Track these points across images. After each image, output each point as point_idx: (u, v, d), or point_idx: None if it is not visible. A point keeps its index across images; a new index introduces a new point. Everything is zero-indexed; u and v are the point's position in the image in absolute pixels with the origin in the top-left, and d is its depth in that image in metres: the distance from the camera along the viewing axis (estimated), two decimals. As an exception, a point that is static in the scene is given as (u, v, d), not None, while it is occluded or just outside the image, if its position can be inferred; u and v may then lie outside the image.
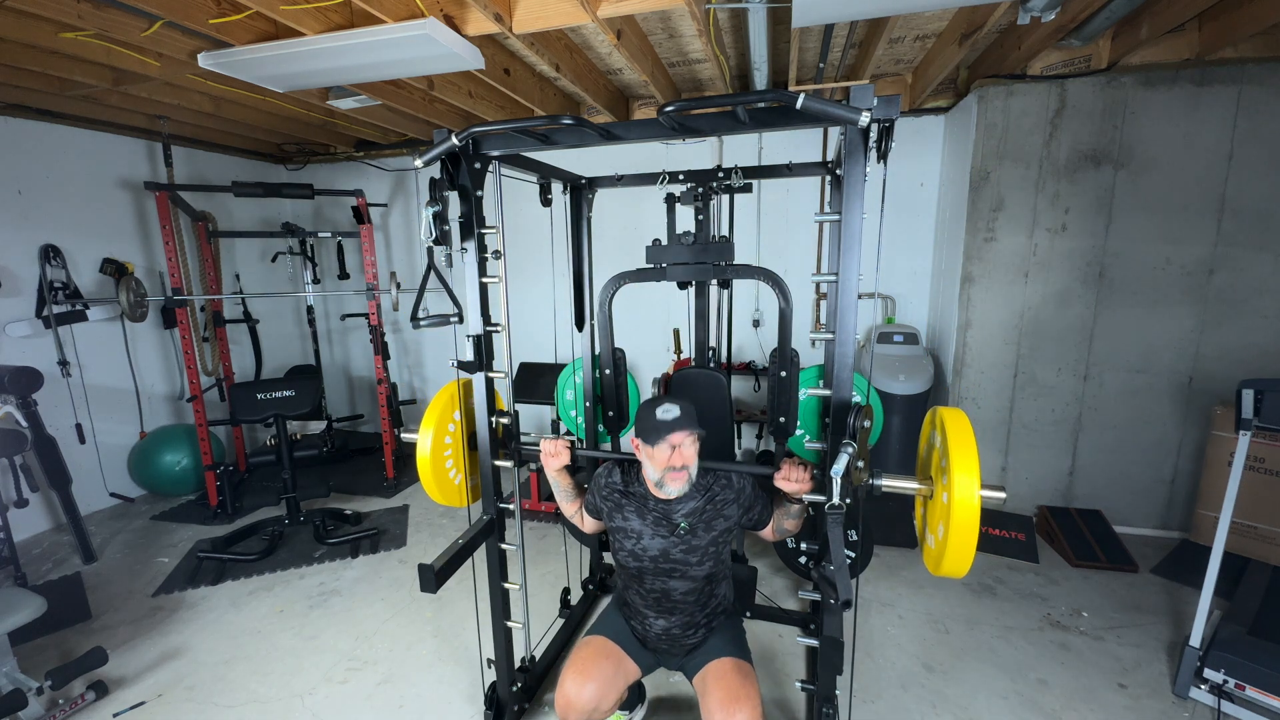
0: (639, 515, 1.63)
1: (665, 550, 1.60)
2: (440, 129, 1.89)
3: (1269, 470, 2.68)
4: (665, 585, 1.62)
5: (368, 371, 5.19)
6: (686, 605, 1.64)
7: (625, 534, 1.64)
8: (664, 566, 1.60)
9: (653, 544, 1.60)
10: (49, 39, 2.21)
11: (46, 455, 3.10)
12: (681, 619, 1.65)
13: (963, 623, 2.51)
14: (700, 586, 1.63)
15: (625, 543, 1.64)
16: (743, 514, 1.65)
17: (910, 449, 3.42)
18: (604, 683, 1.57)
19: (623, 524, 1.65)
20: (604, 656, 1.63)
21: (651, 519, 1.62)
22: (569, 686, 1.56)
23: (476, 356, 1.77)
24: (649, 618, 1.67)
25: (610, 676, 1.59)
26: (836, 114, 1.32)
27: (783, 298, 2.17)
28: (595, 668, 1.59)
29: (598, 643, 1.67)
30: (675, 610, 1.64)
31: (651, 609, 1.66)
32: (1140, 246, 2.99)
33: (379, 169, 4.73)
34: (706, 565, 1.61)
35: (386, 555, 3.18)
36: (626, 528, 1.64)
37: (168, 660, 2.39)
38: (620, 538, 1.66)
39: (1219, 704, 1.99)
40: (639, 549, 1.62)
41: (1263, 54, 2.69)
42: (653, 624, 1.66)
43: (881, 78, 3.50)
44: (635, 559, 1.63)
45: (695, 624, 1.67)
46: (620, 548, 1.66)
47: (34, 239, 3.39)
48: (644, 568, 1.62)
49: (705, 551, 1.60)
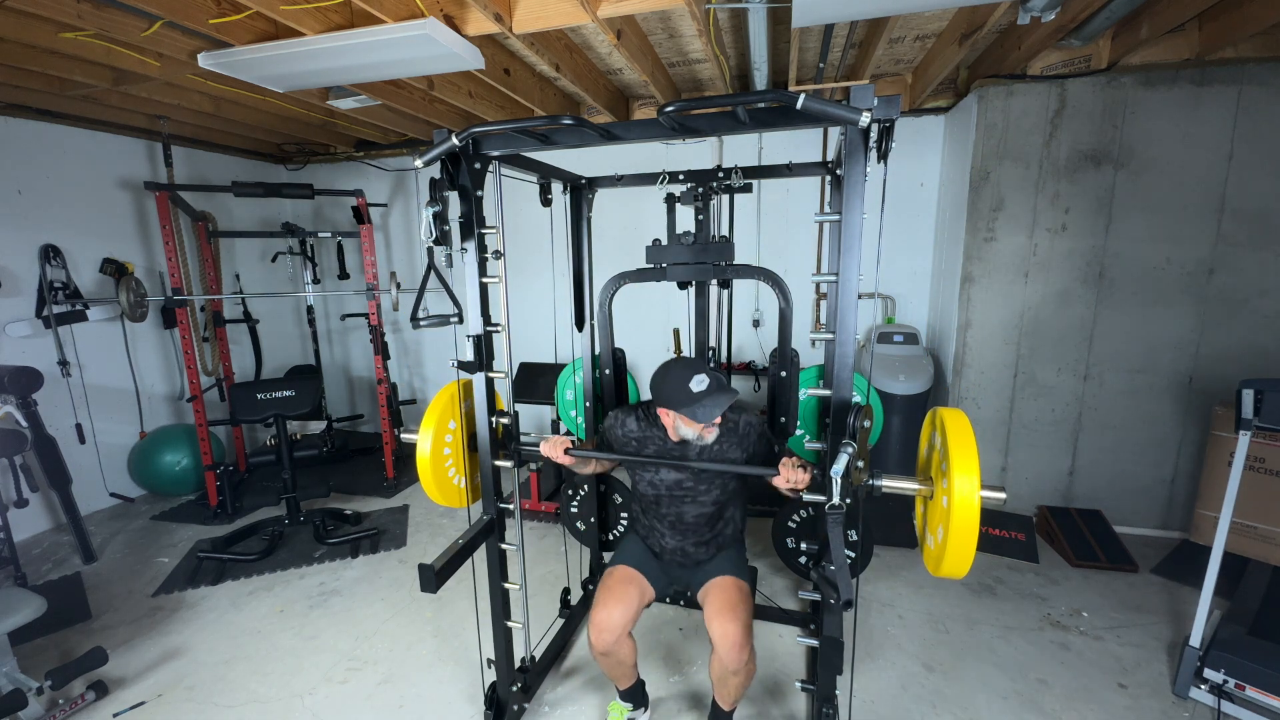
0: (658, 454, 1.79)
1: (679, 480, 1.80)
2: (440, 129, 1.89)
3: (1269, 470, 2.68)
4: (679, 510, 1.83)
5: (368, 371, 5.19)
6: (698, 526, 1.85)
7: (644, 468, 1.82)
8: (677, 494, 1.81)
9: (668, 475, 1.81)
10: (49, 39, 2.21)
11: (46, 455, 3.10)
12: (693, 538, 1.87)
13: (963, 623, 2.51)
14: (710, 511, 1.83)
15: (645, 473, 1.84)
16: (746, 456, 1.79)
17: (910, 449, 3.42)
18: (628, 605, 1.79)
19: (641, 464, 1.81)
20: (628, 583, 1.84)
21: (670, 456, 1.78)
22: (600, 613, 1.76)
23: (476, 356, 1.77)
24: (665, 536, 1.89)
25: (634, 599, 1.81)
26: (836, 114, 1.32)
27: (783, 298, 2.18)
28: (621, 593, 1.80)
29: (620, 571, 1.87)
30: (688, 531, 1.86)
31: (667, 530, 1.88)
32: (1140, 246, 2.99)
33: (379, 169, 4.74)
34: (715, 492, 1.81)
35: (386, 555, 3.18)
36: (645, 464, 1.81)
37: (168, 660, 2.40)
38: (640, 470, 1.84)
39: (1219, 704, 1.99)
40: (656, 479, 1.83)
41: (1263, 54, 2.68)
42: (668, 542, 1.89)
43: (881, 78, 3.50)
44: (653, 488, 1.84)
45: (704, 541, 1.87)
46: (639, 479, 1.87)
47: (34, 239, 3.39)
48: (660, 495, 1.83)
49: (713, 481, 1.79)
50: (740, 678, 1.72)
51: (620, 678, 1.91)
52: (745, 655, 1.66)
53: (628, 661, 1.84)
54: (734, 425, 1.78)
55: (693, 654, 2.36)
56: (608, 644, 1.74)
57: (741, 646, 1.65)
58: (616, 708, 1.97)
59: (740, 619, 1.67)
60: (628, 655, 1.82)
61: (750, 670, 1.74)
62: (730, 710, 1.85)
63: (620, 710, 1.96)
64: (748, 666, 1.71)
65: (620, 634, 1.75)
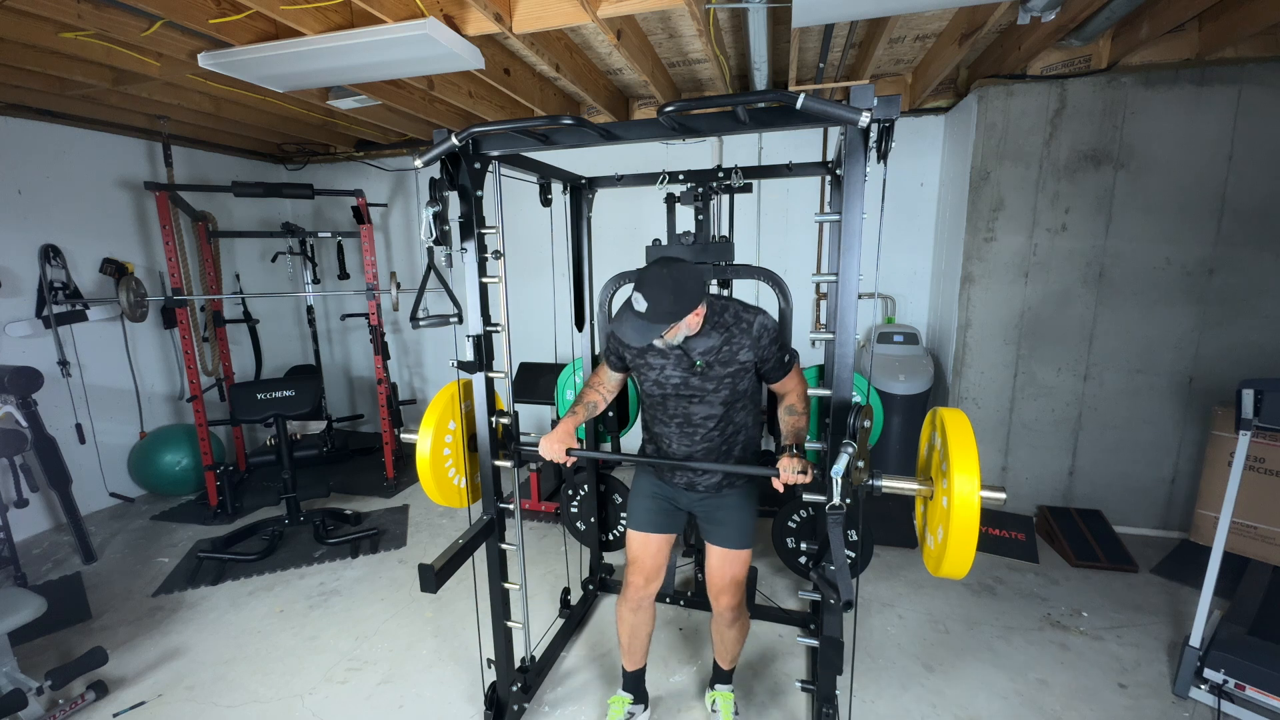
0: (661, 354, 1.72)
1: (685, 379, 1.70)
2: (440, 129, 1.89)
3: (1269, 470, 2.68)
4: (687, 410, 1.74)
5: (368, 371, 5.19)
6: (707, 429, 1.74)
7: (649, 368, 1.74)
8: (684, 393, 1.72)
9: (674, 374, 1.71)
10: (49, 39, 2.21)
11: (46, 455, 3.10)
12: (703, 444, 1.75)
13: (963, 623, 2.51)
14: (719, 413, 1.73)
15: (650, 374, 1.75)
16: (757, 359, 1.70)
17: (910, 449, 3.42)
18: (655, 561, 1.88)
19: (646, 364, 1.75)
20: (645, 545, 1.87)
21: (673, 358, 1.70)
22: (634, 577, 1.87)
23: (476, 356, 1.77)
24: (673, 441, 1.78)
25: (658, 552, 1.88)
26: (836, 114, 1.32)
27: (783, 298, 2.18)
28: (646, 556, 1.87)
29: (638, 539, 1.88)
30: (696, 433, 1.75)
31: (675, 433, 1.77)
32: (1140, 246, 2.99)
33: (379, 169, 4.73)
34: (724, 393, 1.70)
35: (386, 555, 3.18)
36: (650, 364, 1.74)
37: (168, 660, 2.39)
38: (645, 371, 1.76)
39: (1219, 704, 1.99)
40: (661, 378, 1.73)
41: (1263, 54, 2.68)
42: (676, 448, 1.78)
43: (881, 78, 3.50)
44: (659, 387, 1.75)
45: (715, 450, 1.76)
46: (645, 379, 1.78)
47: (34, 239, 3.39)
48: (666, 394, 1.75)
49: (721, 381, 1.69)
50: (735, 631, 1.90)
51: (635, 651, 1.97)
52: (737, 614, 1.86)
53: (646, 629, 1.95)
54: (747, 325, 1.65)
55: (692, 653, 2.36)
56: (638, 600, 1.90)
57: (736, 615, 1.86)
58: (618, 700, 1.99)
59: (736, 594, 1.82)
60: (647, 621, 1.94)
61: (744, 625, 1.93)
62: (730, 669, 2.02)
63: (621, 703, 1.98)
64: (741, 623, 1.90)
65: (651, 594, 1.90)
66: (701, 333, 1.63)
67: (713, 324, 1.64)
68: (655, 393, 1.76)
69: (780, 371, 1.71)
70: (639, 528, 1.88)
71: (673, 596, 2.65)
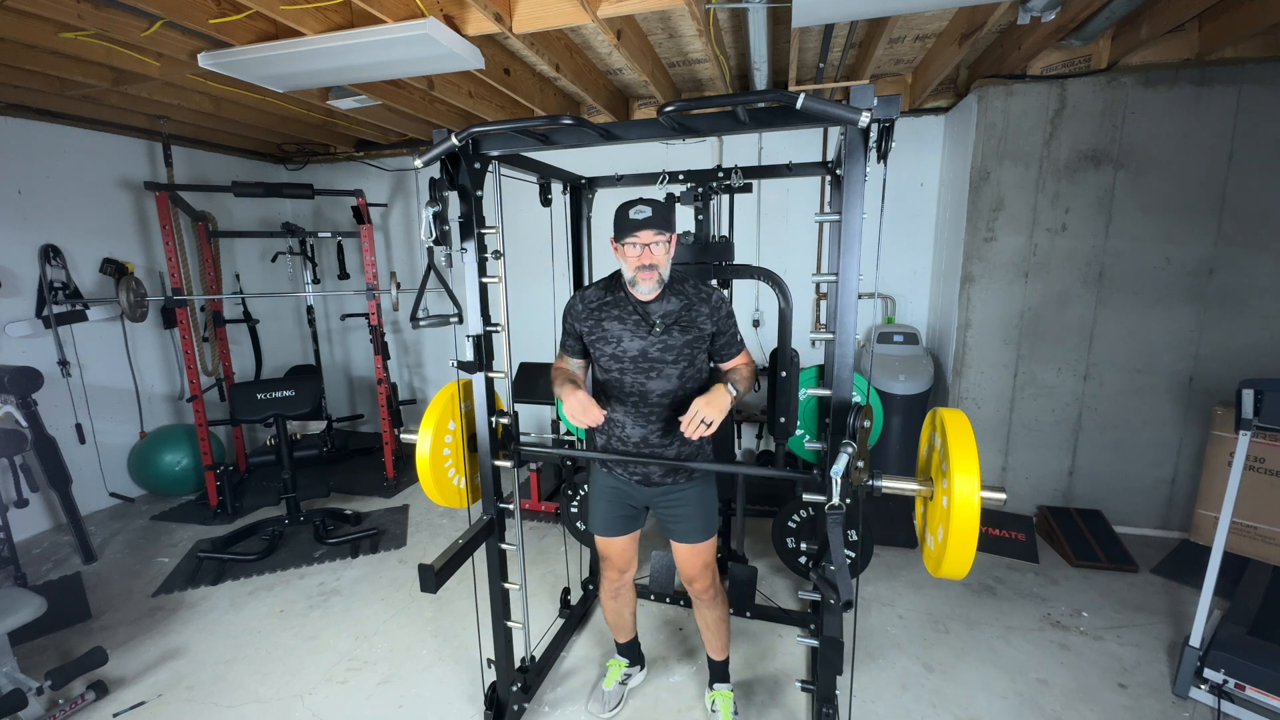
0: (620, 320, 1.72)
1: (644, 350, 1.71)
2: (440, 129, 1.89)
3: (1269, 470, 2.68)
4: (644, 386, 1.73)
5: (368, 371, 5.19)
6: (662, 408, 1.74)
7: (606, 340, 1.74)
8: (642, 365, 1.72)
9: (632, 345, 1.71)
10: (49, 39, 2.21)
11: (46, 455, 3.10)
12: (659, 427, 1.75)
13: (963, 623, 2.51)
14: (674, 388, 1.73)
15: (606, 348, 1.74)
16: (715, 330, 1.74)
17: (910, 449, 3.41)
18: (625, 556, 1.96)
19: (603, 334, 1.74)
20: (610, 545, 1.94)
21: (631, 322, 1.71)
22: (609, 572, 1.98)
23: (476, 356, 1.77)
24: (627, 426, 1.78)
25: (625, 549, 1.95)
26: (836, 114, 1.32)
27: (783, 298, 2.18)
28: (614, 554, 1.95)
29: (602, 541, 1.95)
30: (653, 414, 1.75)
31: (631, 414, 1.76)
32: (1140, 246, 2.98)
33: (379, 169, 4.73)
34: (681, 364, 1.72)
35: (386, 555, 3.18)
36: (608, 334, 1.73)
37: (168, 660, 2.39)
38: (602, 345, 1.75)
39: (1219, 704, 1.99)
40: (619, 351, 1.73)
41: (1263, 54, 2.68)
42: (631, 433, 1.78)
43: (881, 78, 3.50)
44: (616, 361, 1.74)
45: (668, 437, 1.76)
46: (602, 354, 1.76)
47: (34, 239, 3.39)
48: (624, 368, 1.73)
49: (680, 352, 1.71)
50: (715, 612, 1.97)
51: (622, 628, 2.12)
52: (714, 593, 1.93)
53: (628, 610, 2.09)
54: (707, 295, 1.73)
55: (692, 653, 2.36)
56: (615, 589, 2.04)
57: (713, 595, 1.93)
58: (615, 664, 2.16)
59: (707, 576, 1.89)
60: (628, 604, 2.09)
61: (723, 604, 1.99)
62: (724, 662, 2.06)
63: (618, 665, 2.15)
64: (719, 601, 1.97)
65: (627, 582, 2.03)
66: (662, 297, 1.69)
67: (674, 290, 1.71)
68: (613, 368, 1.75)
69: (734, 348, 1.77)
70: (601, 533, 1.93)
71: (672, 597, 2.65)
